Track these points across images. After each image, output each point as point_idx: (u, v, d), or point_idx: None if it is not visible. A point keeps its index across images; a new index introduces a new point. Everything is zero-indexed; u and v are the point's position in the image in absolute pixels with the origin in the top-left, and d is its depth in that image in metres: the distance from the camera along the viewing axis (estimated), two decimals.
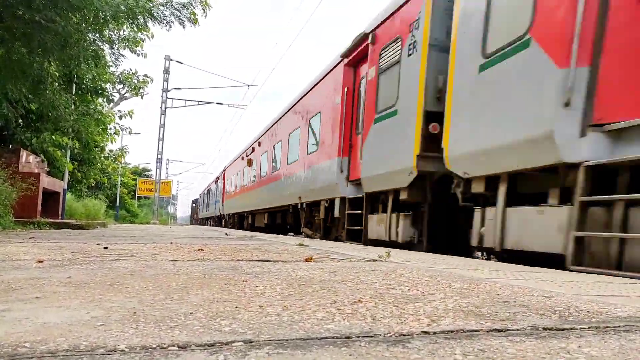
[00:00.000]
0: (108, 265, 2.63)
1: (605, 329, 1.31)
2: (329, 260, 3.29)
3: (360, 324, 1.29)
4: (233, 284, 2.00)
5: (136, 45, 11.13)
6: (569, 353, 1.04)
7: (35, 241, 4.75)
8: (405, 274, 2.54)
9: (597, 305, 1.69)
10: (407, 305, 1.59)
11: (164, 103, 24.27)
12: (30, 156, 11.63)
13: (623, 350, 1.08)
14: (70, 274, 2.18)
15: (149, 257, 3.22)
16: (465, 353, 1.02)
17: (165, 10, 9.20)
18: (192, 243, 5.13)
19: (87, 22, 8.53)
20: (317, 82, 10.35)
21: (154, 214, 27.21)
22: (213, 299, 1.61)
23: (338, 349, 1.04)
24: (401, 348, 1.05)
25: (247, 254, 3.72)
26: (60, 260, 2.87)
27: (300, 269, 2.63)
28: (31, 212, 10.37)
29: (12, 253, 3.27)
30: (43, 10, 7.24)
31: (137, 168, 50.16)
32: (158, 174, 26.48)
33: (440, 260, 3.79)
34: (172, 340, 1.07)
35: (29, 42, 7.62)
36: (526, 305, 1.63)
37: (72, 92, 12.30)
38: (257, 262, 3.00)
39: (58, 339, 1.05)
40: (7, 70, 8.26)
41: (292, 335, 1.15)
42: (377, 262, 3.29)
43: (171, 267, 2.60)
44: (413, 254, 4.46)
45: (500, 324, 1.32)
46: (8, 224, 8.08)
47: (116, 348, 0.99)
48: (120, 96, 16.87)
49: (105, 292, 1.72)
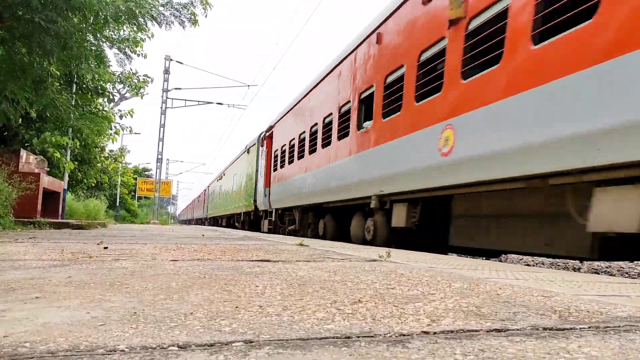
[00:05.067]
0: (108, 265, 2.63)
1: (605, 329, 1.31)
2: (329, 260, 3.29)
3: (360, 324, 1.29)
4: (233, 284, 2.00)
5: (136, 46, 11.14)
6: (569, 353, 1.04)
7: (35, 241, 4.75)
8: (405, 273, 2.54)
9: (597, 305, 1.69)
10: (407, 305, 1.59)
11: (164, 103, 24.28)
12: (30, 156, 11.63)
13: (623, 350, 1.08)
14: (70, 274, 2.18)
15: (149, 257, 3.22)
16: (465, 353, 1.02)
17: (165, 11, 9.21)
18: (192, 243, 5.13)
19: (87, 23, 8.53)
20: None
21: (154, 214, 27.23)
22: (213, 299, 1.61)
23: (338, 349, 1.04)
24: (401, 348, 1.05)
25: (247, 254, 3.72)
26: (60, 260, 2.87)
27: (300, 269, 2.63)
28: (31, 212, 10.37)
29: (12, 253, 3.27)
30: (43, 10, 7.25)
31: (137, 168, 50.16)
32: (158, 174, 26.50)
33: (440, 260, 3.79)
34: (172, 340, 1.07)
35: (29, 43, 7.62)
36: (526, 305, 1.63)
37: (72, 91, 12.30)
38: (257, 262, 3.00)
39: (58, 339, 1.05)
40: (7, 70, 8.26)
41: (292, 335, 1.15)
42: (377, 262, 3.29)
43: (171, 267, 2.60)
44: (413, 254, 4.47)
45: (500, 324, 1.32)
46: (8, 224, 8.08)
47: (116, 348, 0.99)
48: (121, 96, 16.88)
49: (105, 292, 1.72)
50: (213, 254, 3.64)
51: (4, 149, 11.62)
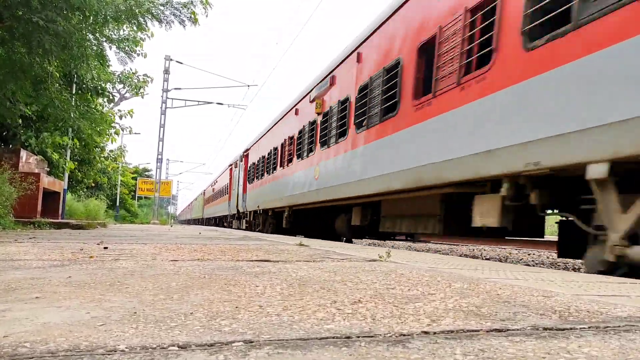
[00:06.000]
0: (108, 265, 2.63)
1: (606, 329, 1.31)
2: (328, 260, 3.29)
3: (360, 324, 1.29)
4: (233, 284, 2.00)
5: (136, 45, 11.13)
6: (569, 353, 1.04)
7: (36, 241, 4.76)
8: (405, 273, 2.54)
9: (597, 305, 1.69)
10: (407, 305, 1.59)
11: (164, 103, 24.26)
12: (30, 156, 11.63)
13: (623, 350, 1.08)
14: (71, 274, 2.18)
15: (149, 257, 3.22)
16: (465, 353, 1.02)
17: (165, 10, 9.20)
18: (192, 243, 5.13)
19: (87, 22, 8.53)
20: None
21: (154, 214, 27.23)
22: (213, 299, 1.61)
23: (338, 349, 1.04)
24: (401, 348, 1.05)
25: (247, 254, 3.72)
26: (60, 260, 2.87)
27: (300, 269, 2.63)
28: (31, 212, 10.38)
29: (13, 253, 3.27)
30: (43, 10, 7.24)
31: (137, 168, 50.12)
32: (158, 174, 26.48)
33: (441, 260, 3.79)
34: (172, 340, 1.07)
35: (29, 42, 7.62)
36: (526, 305, 1.63)
37: (72, 91, 12.29)
38: (257, 262, 3.00)
39: (58, 339, 1.05)
40: (7, 70, 8.26)
41: (292, 335, 1.15)
42: (377, 262, 3.29)
43: (171, 267, 2.60)
44: (413, 254, 4.47)
45: (501, 324, 1.32)
46: (8, 224, 8.08)
47: (116, 348, 0.99)
48: (121, 96, 16.86)
49: (105, 292, 1.72)
50: (213, 254, 3.64)
51: (4, 149, 11.62)
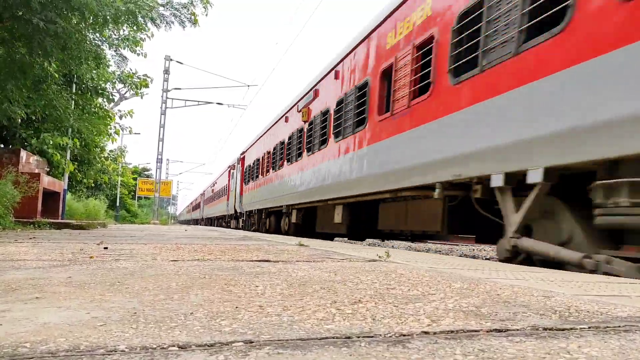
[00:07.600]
0: (108, 265, 2.63)
1: (605, 329, 1.31)
2: (329, 260, 3.29)
3: (360, 324, 1.29)
4: (233, 284, 2.00)
5: (136, 45, 11.13)
6: (569, 353, 1.04)
7: (36, 241, 4.76)
8: (405, 274, 2.54)
9: (597, 305, 1.69)
10: (407, 305, 1.59)
11: (164, 103, 24.27)
12: (30, 156, 11.63)
13: (623, 350, 1.08)
14: (71, 274, 2.18)
15: (149, 257, 3.22)
16: (465, 353, 1.02)
17: (165, 11, 9.21)
18: (192, 243, 5.13)
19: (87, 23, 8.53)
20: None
21: (154, 214, 27.22)
22: (213, 299, 1.61)
23: (338, 349, 1.04)
24: (401, 348, 1.05)
25: (247, 254, 3.72)
26: (60, 260, 2.87)
27: (300, 269, 2.63)
28: (31, 212, 10.37)
29: (13, 253, 3.27)
30: (42, 11, 7.24)
31: (137, 168, 50.12)
32: (158, 174, 26.48)
33: (440, 260, 3.79)
34: (172, 340, 1.07)
35: (29, 43, 7.62)
36: (526, 305, 1.63)
37: (72, 91, 12.29)
38: (257, 262, 3.00)
39: (58, 339, 1.05)
40: (7, 70, 8.26)
41: (292, 335, 1.15)
42: (377, 262, 3.29)
43: (171, 267, 2.60)
44: (413, 254, 4.47)
45: (501, 324, 1.32)
46: (8, 224, 8.08)
47: (116, 348, 0.99)
48: (121, 96, 16.85)
49: (105, 292, 1.72)
50: (213, 254, 3.64)
51: (4, 149, 11.61)
